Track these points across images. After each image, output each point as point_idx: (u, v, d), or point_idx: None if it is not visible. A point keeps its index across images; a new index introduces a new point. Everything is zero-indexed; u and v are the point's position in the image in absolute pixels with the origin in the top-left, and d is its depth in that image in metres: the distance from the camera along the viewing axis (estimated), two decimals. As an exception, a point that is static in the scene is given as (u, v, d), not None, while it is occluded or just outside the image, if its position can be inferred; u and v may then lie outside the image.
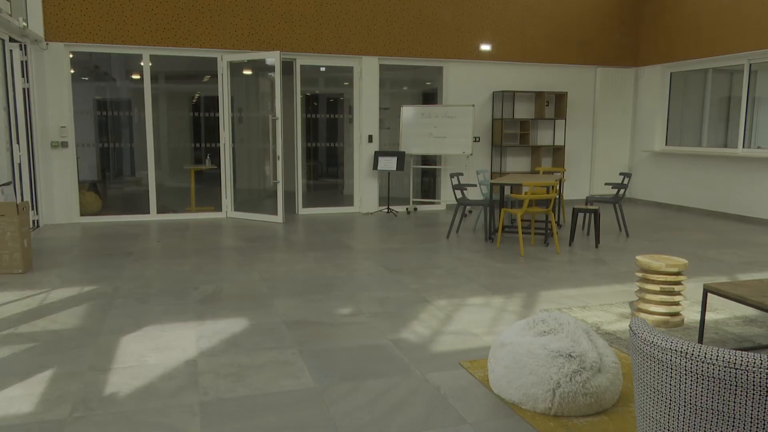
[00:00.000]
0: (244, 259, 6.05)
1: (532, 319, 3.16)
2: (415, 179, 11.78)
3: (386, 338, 3.79)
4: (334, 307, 4.44)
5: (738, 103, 9.02)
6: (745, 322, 4.19)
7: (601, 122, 10.69)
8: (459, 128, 9.37)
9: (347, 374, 3.23)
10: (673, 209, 9.95)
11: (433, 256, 6.26)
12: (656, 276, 4.04)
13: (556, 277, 5.41)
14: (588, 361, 2.82)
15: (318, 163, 14.50)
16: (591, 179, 10.84)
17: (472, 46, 9.71)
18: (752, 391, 1.69)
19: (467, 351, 3.58)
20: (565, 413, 2.78)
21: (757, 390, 1.68)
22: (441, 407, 2.86)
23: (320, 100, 14.20)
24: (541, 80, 10.26)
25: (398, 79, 11.86)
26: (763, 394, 1.67)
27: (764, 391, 1.67)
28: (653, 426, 1.89)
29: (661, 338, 1.82)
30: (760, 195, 8.50)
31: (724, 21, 8.88)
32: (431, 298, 4.71)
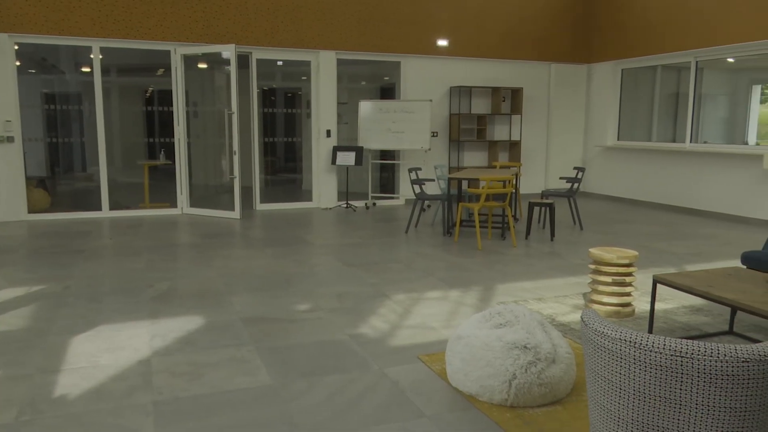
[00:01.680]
0: (200, 256, 5.94)
1: (489, 312, 3.20)
2: (374, 174, 11.78)
3: (344, 333, 3.78)
4: (291, 303, 4.40)
5: (685, 99, 9.32)
6: (692, 311, 4.34)
7: (556, 117, 10.89)
8: (417, 123, 9.40)
9: (305, 370, 3.21)
10: (625, 202, 10.22)
11: (391, 250, 6.28)
12: (608, 268, 4.14)
13: (513, 270, 5.50)
14: (543, 352, 2.87)
15: (276, 158, 14.35)
16: (546, 174, 11.04)
17: (429, 41, 9.75)
18: (697, 378, 1.74)
19: (425, 345, 3.61)
20: (521, 404, 2.83)
21: (702, 377, 1.74)
22: (399, 401, 2.87)
23: (278, 95, 14.05)
24: (497, 76, 10.38)
25: (356, 73, 11.83)
26: (708, 380, 1.73)
27: (708, 378, 1.73)
28: (604, 414, 1.94)
29: (610, 329, 1.87)
30: (707, 188, 8.81)
31: (672, 19, 9.15)
32: (390, 292, 4.72)
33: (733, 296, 3.15)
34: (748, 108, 9.04)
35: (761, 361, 1.71)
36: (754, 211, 8.14)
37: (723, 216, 8.54)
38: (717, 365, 1.71)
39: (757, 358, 1.71)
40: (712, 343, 1.74)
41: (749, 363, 1.70)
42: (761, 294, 3.20)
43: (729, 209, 8.48)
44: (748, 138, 8.91)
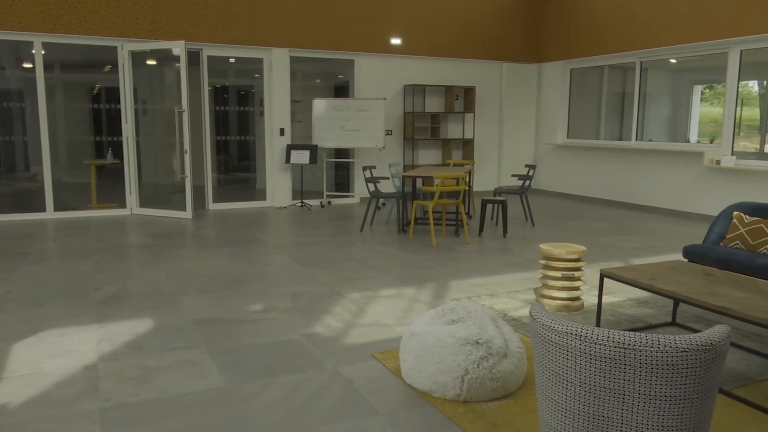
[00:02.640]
0: (150, 257, 5.80)
1: (442, 309, 3.23)
2: (329, 173, 11.73)
3: (298, 333, 3.76)
4: (245, 304, 4.35)
5: (631, 98, 9.61)
6: (638, 304, 4.48)
7: (508, 116, 11.07)
8: (371, 121, 9.41)
9: (258, 371, 3.18)
10: (575, 199, 10.47)
11: (346, 249, 6.27)
12: (557, 263, 4.24)
13: (466, 266, 5.56)
14: (494, 347, 2.92)
15: (229, 157, 14.13)
16: (499, 171, 11.21)
17: (382, 39, 9.77)
18: (640, 368, 1.80)
19: (380, 342, 3.62)
20: (473, 398, 2.87)
21: (644, 367, 1.80)
22: (353, 399, 2.87)
23: (230, 92, 13.83)
24: (450, 75, 10.49)
25: (310, 71, 11.76)
26: (649, 370, 1.79)
27: (650, 368, 1.79)
28: (552, 406, 1.99)
29: (557, 322, 1.91)
30: (651, 185, 9.11)
31: (617, 21, 9.42)
32: (344, 291, 4.71)
33: (675, 288, 3.27)
34: (689, 107, 9.39)
35: (699, 351, 1.78)
36: (695, 206, 8.46)
37: (666, 211, 8.85)
38: (657, 355, 1.77)
39: (695, 347, 1.77)
40: (653, 334, 1.80)
41: (687, 353, 1.77)
42: (700, 286, 3.33)
43: (672, 204, 8.79)
44: (690, 136, 9.25)
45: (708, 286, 3.32)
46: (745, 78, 8.06)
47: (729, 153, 8.06)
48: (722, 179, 8.07)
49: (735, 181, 7.91)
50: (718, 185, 8.13)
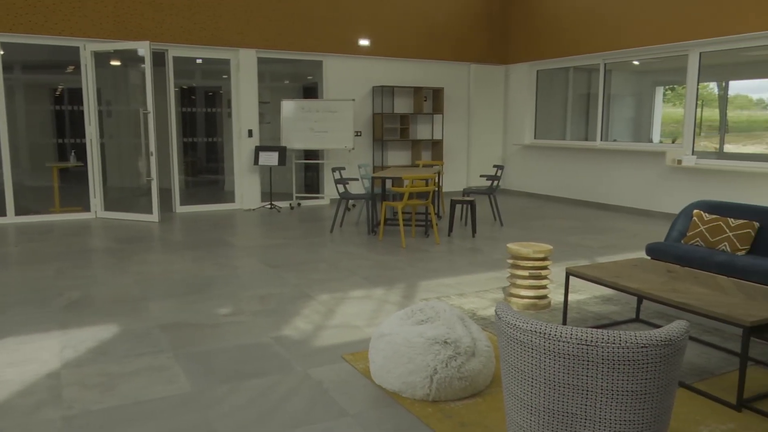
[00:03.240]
0: (115, 262, 5.70)
1: (411, 309, 3.25)
2: (298, 174, 11.68)
3: (267, 336, 3.73)
4: (212, 307, 4.30)
5: (596, 99, 9.79)
6: (603, 301, 4.56)
7: (476, 117, 11.17)
8: (340, 123, 9.40)
9: (226, 375, 3.15)
10: (542, 198, 10.62)
11: (316, 250, 6.25)
12: (525, 262, 4.29)
13: (436, 267, 5.59)
14: (462, 346, 2.94)
15: (196, 159, 13.95)
16: (468, 172, 11.31)
17: (350, 40, 9.77)
18: (602, 364, 1.84)
19: (349, 344, 3.61)
20: (442, 398, 2.89)
21: (606, 363, 1.83)
22: (323, 401, 2.87)
23: (197, 94, 13.65)
24: (418, 76, 10.53)
25: (278, 72, 11.69)
26: (611, 366, 1.83)
27: (612, 364, 1.83)
28: (518, 404, 2.01)
29: (522, 321, 1.94)
30: (616, 184, 9.29)
31: (582, 23, 9.59)
32: (314, 293, 4.70)
33: (638, 286, 3.34)
34: (652, 108, 9.60)
35: (658, 346, 1.82)
36: (658, 204, 8.66)
37: (630, 210, 9.03)
38: (619, 352, 1.81)
39: (654, 343, 1.82)
40: (614, 331, 1.84)
41: (648, 348, 1.81)
42: (662, 283, 3.41)
43: (636, 203, 8.98)
44: (653, 136, 9.46)
45: (669, 283, 3.40)
46: (704, 79, 8.28)
47: (690, 153, 8.26)
48: (683, 178, 8.27)
49: (695, 180, 8.12)
50: (680, 184, 8.33)
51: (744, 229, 4.18)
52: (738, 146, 8.27)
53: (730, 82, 8.35)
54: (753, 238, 4.17)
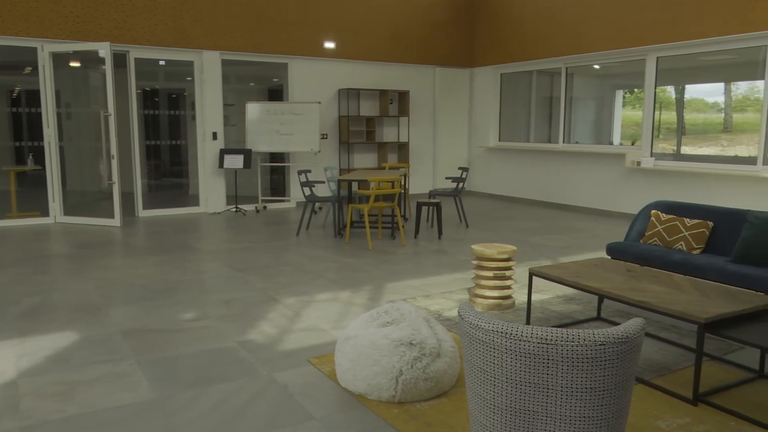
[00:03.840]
0: (75, 267, 5.57)
1: (376, 311, 3.26)
2: (264, 177, 11.60)
3: (232, 341, 3.70)
4: (176, 313, 4.24)
5: (558, 102, 9.97)
6: (566, 301, 4.65)
7: (442, 119, 11.26)
8: (306, 125, 9.37)
9: (191, 381, 3.11)
10: (507, 200, 10.76)
11: (282, 254, 6.21)
12: (489, 263, 4.34)
13: (402, 268, 5.62)
14: (428, 347, 2.96)
15: (160, 162, 13.73)
16: (434, 174, 11.38)
17: (316, 43, 9.75)
18: (562, 362, 1.88)
19: (316, 347, 3.61)
20: (408, 399, 2.90)
21: (566, 361, 1.87)
22: (288, 405, 2.86)
23: (161, 96, 13.44)
24: (384, 79, 10.57)
25: (243, 74, 11.59)
26: (571, 364, 1.87)
27: (571, 361, 1.87)
28: (481, 403, 2.04)
29: (484, 321, 1.97)
30: (578, 185, 9.47)
31: (544, 28, 9.76)
32: (280, 296, 4.67)
33: (598, 285, 3.42)
34: (612, 111, 9.83)
35: (616, 344, 1.87)
36: (618, 205, 8.86)
37: (592, 210, 9.22)
38: (578, 349, 1.85)
39: (612, 340, 1.87)
40: (574, 329, 1.88)
41: (605, 345, 1.86)
42: (622, 282, 3.49)
43: (597, 204, 9.17)
44: (613, 138, 9.68)
45: (629, 282, 3.49)
46: (662, 83, 8.51)
47: (648, 154, 8.48)
48: (642, 179, 8.48)
49: (654, 181, 8.34)
50: (639, 185, 8.54)
51: (699, 229, 4.31)
52: (694, 148, 8.52)
53: (686, 85, 8.60)
54: (707, 237, 4.31)
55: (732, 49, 7.52)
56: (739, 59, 7.64)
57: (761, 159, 7.27)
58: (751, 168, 7.34)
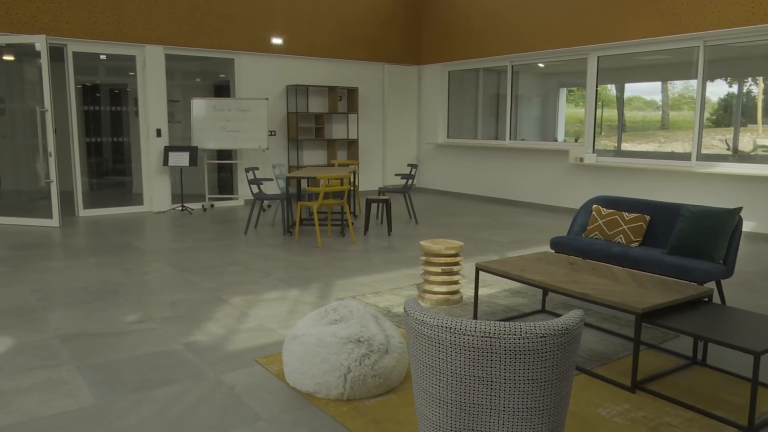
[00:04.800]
0: (9, 270, 5.33)
1: (324, 309, 3.25)
2: (211, 175, 11.38)
3: (177, 343, 3.62)
4: (118, 315, 4.12)
5: (505, 100, 10.15)
6: (512, 294, 4.74)
7: (391, 116, 11.29)
8: (253, 122, 9.24)
9: (133, 386, 3.02)
10: (455, 196, 10.89)
11: (229, 253, 6.11)
12: (437, 258, 4.39)
13: (352, 266, 5.62)
14: (376, 344, 2.97)
15: (102, 160, 13.28)
16: (384, 171, 11.41)
17: (263, 38, 9.62)
18: (504, 355, 1.92)
19: (263, 347, 3.57)
20: (356, 396, 2.90)
21: (508, 354, 1.91)
22: (235, 407, 2.81)
23: (102, 91, 12.99)
24: (333, 75, 10.52)
25: (188, 70, 11.33)
26: (513, 357, 1.91)
27: (513, 354, 1.91)
28: (427, 398, 2.06)
29: (428, 316, 1.98)
30: (524, 181, 9.67)
31: (490, 26, 9.90)
32: (227, 296, 4.60)
33: (542, 278, 3.50)
34: (557, 108, 10.07)
35: (556, 335, 1.92)
36: (562, 200, 9.09)
37: (538, 206, 9.43)
38: (520, 342, 1.89)
39: (552, 333, 1.91)
40: (516, 322, 1.92)
41: (546, 338, 1.90)
42: (564, 275, 3.58)
43: (543, 199, 9.39)
44: (558, 135, 9.92)
45: (571, 275, 3.58)
46: (603, 82, 8.77)
47: (591, 151, 8.73)
48: (585, 175, 8.73)
49: (596, 176, 8.59)
50: (582, 181, 8.79)
51: (637, 222, 4.47)
52: (634, 144, 8.82)
53: (626, 84, 8.89)
54: (645, 230, 4.47)
55: (667, 50, 7.81)
56: (675, 59, 7.95)
57: (695, 155, 7.59)
58: (686, 164, 7.65)
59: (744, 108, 7.45)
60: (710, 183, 7.38)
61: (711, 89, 7.58)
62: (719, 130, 7.74)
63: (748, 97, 7.44)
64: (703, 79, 7.50)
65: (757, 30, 6.81)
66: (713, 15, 7.09)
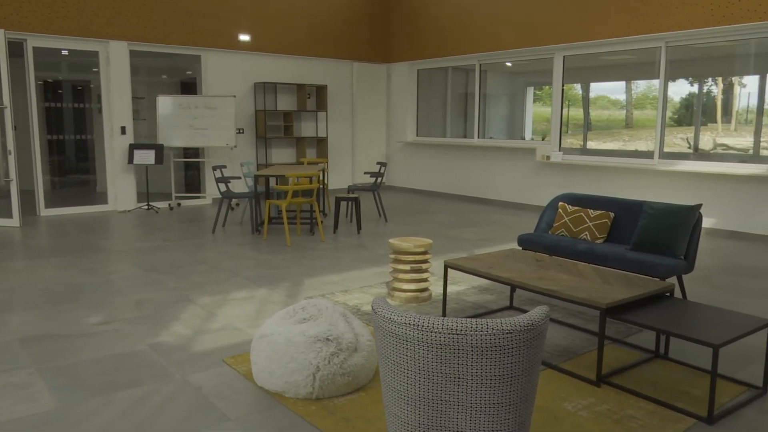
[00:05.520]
0: (-33, 272, 5.18)
1: (293, 308, 3.23)
2: (178, 173, 11.21)
3: (143, 344, 3.56)
4: (82, 317, 4.03)
5: (473, 98, 10.23)
6: (480, 291, 4.79)
7: (360, 114, 11.28)
8: (221, 120, 9.13)
9: (97, 388, 2.96)
10: (425, 194, 10.94)
11: (197, 252, 6.03)
12: (406, 256, 4.40)
13: (321, 264, 5.60)
14: (345, 342, 2.97)
15: (64, 158, 12.97)
16: (353, 169, 11.40)
17: (231, 35, 9.51)
18: (471, 352, 1.93)
19: (231, 347, 3.53)
20: (325, 395, 2.90)
21: (475, 350, 1.93)
22: (202, 408, 2.78)
23: (64, 88, 12.68)
24: (301, 73, 10.46)
25: (155, 66, 11.13)
26: (480, 353, 1.93)
27: (480, 350, 1.93)
28: (395, 395, 2.07)
29: (396, 314, 1.99)
30: (493, 179, 9.77)
31: (459, 25, 9.97)
32: (194, 296, 4.54)
33: (509, 275, 3.54)
34: (524, 107, 10.19)
35: (522, 331, 1.94)
36: (530, 198, 9.21)
37: (506, 203, 9.54)
38: (486, 338, 1.91)
39: (518, 329, 1.94)
40: (482, 319, 1.94)
41: (512, 334, 1.93)
42: (531, 271, 3.63)
43: (511, 197, 9.50)
44: (525, 134, 10.04)
45: (538, 271, 3.63)
46: (569, 81, 8.90)
47: (557, 149, 8.86)
48: (552, 173, 8.86)
49: (562, 174, 8.72)
50: (549, 179, 8.91)
51: (602, 219, 4.55)
52: (599, 143, 8.98)
53: (591, 83, 9.04)
54: (609, 227, 4.56)
55: (631, 50, 7.97)
56: (638, 59, 8.12)
57: (657, 153, 7.77)
58: (649, 162, 7.82)
59: (704, 107, 7.65)
60: (672, 181, 7.56)
61: (673, 89, 7.76)
62: (681, 129, 7.94)
63: (709, 96, 7.64)
64: (666, 79, 7.67)
65: (716, 31, 7.00)
66: (675, 16, 7.25)
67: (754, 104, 7.21)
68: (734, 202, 7.04)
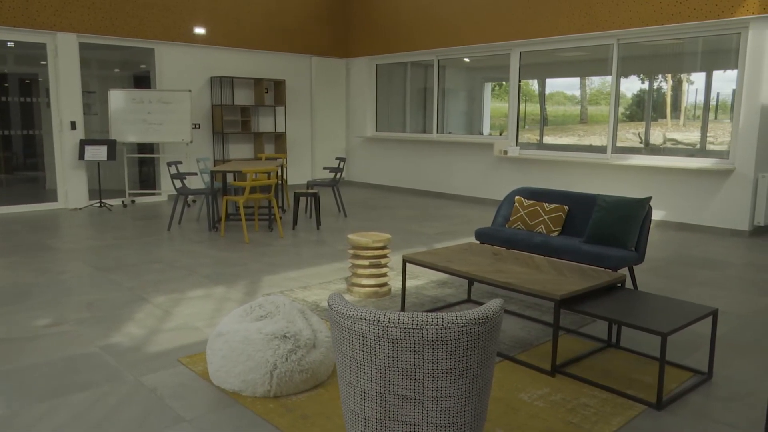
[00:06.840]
0: None
1: (250, 306, 3.19)
2: (131, 169, 10.94)
3: (95, 345, 3.46)
4: (29, 319, 3.90)
5: (432, 94, 10.27)
6: (439, 285, 4.82)
7: (319, 109, 11.21)
8: (176, 114, 8.94)
9: (46, 392, 2.87)
10: (385, 189, 10.95)
11: (152, 250, 5.90)
12: (365, 252, 4.40)
13: (280, 261, 5.55)
14: (302, 339, 2.95)
15: (11, 154, 12.50)
16: (312, 164, 11.33)
17: (185, 28, 9.31)
18: (427, 346, 1.94)
19: (187, 346, 3.47)
20: (284, 393, 2.87)
21: (431, 344, 1.94)
22: (157, 409, 2.73)
23: (10, 81, 12.21)
24: (259, 67, 10.33)
25: (106, 59, 10.82)
26: (435, 347, 1.94)
27: (436, 344, 1.94)
28: (352, 391, 2.06)
29: (352, 310, 1.98)
30: (452, 174, 9.84)
31: (418, 20, 9.99)
32: (148, 295, 4.44)
33: (467, 269, 3.57)
34: (482, 103, 10.29)
35: (476, 324, 1.96)
36: (488, 192, 9.32)
37: (465, 198, 9.63)
38: (442, 332, 1.92)
39: (473, 322, 1.96)
40: (438, 313, 1.95)
41: (467, 327, 1.95)
42: (488, 264, 3.67)
43: (470, 192, 9.59)
44: (483, 129, 10.14)
45: (495, 265, 3.68)
46: (525, 77, 9.03)
47: (514, 144, 8.98)
48: (509, 167, 8.98)
49: (519, 168, 8.85)
50: (506, 173, 9.03)
51: (556, 213, 4.64)
52: (555, 138, 9.14)
53: (547, 79, 9.18)
54: (564, 220, 4.65)
55: (585, 47, 8.13)
56: (592, 56, 8.29)
57: (610, 148, 7.95)
58: (602, 156, 8.01)
59: (655, 103, 7.86)
60: (624, 174, 7.76)
61: (625, 85, 7.95)
62: (633, 124, 8.14)
63: (659, 93, 7.86)
64: (618, 75, 7.86)
65: (665, 29, 7.20)
66: (626, 14, 7.43)
67: (701, 100, 7.45)
68: (683, 194, 7.27)
